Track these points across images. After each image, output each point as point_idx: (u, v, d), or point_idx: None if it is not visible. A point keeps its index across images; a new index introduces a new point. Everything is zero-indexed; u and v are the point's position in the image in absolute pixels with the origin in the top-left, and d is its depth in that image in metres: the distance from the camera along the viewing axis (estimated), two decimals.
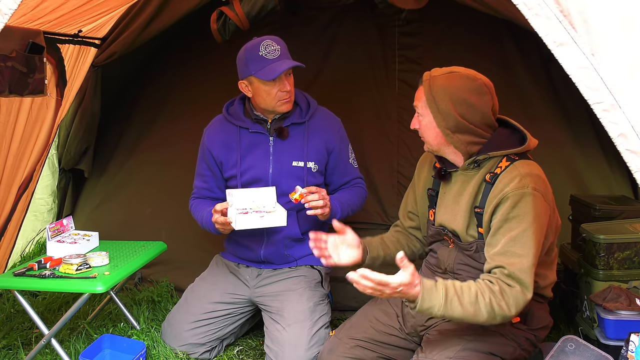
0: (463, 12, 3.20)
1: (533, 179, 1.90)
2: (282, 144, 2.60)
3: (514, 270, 1.83)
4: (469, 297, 1.81)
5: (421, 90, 2.02)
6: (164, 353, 2.67)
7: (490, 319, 1.82)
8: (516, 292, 1.82)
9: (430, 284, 1.81)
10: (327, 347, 2.26)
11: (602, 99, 1.29)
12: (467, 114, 1.95)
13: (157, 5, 3.06)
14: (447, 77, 1.97)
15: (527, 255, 1.84)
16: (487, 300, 1.80)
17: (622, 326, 2.23)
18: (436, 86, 1.96)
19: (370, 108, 3.50)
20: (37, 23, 2.56)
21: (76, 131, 3.49)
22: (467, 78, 1.97)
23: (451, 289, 1.82)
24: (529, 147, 2.00)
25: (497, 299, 1.81)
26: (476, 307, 1.80)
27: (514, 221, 1.86)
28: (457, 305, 1.80)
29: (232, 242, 2.76)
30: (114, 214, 3.59)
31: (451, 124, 1.95)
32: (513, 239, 1.85)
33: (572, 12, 1.29)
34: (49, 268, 2.51)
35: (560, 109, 3.40)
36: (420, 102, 2.03)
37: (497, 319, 1.83)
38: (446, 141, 2.00)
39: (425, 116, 2.01)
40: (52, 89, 2.88)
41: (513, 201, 1.87)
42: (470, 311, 1.80)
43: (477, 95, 1.95)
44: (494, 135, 2.00)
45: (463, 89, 1.95)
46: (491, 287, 1.83)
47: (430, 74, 2.01)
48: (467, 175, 2.04)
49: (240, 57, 2.51)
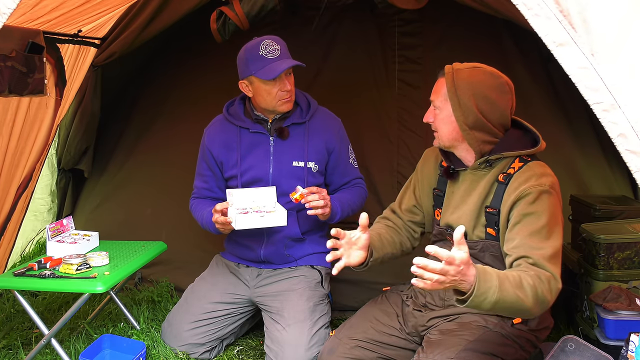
0: (463, 12, 3.20)
1: (549, 178, 1.90)
2: (282, 144, 2.60)
3: (538, 259, 1.79)
4: (513, 280, 1.71)
5: (441, 83, 1.99)
6: (164, 353, 2.67)
7: (534, 306, 1.74)
8: (549, 277, 1.77)
9: (480, 267, 1.68)
10: (327, 347, 2.25)
11: (601, 99, 1.29)
12: (486, 111, 1.93)
13: (157, 5, 3.06)
14: (471, 71, 1.95)
15: (548, 247, 1.82)
16: (531, 282, 1.73)
17: (622, 326, 2.23)
18: (460, 79, 1.94)
19: (370, 108, 3.50)
20: (37, 23, 2.56)
21: (76, 131, 3.49)
22: (491, 75, 1.96)
23: (498, 271, 1.71)
24: (540, 148, 1.99)
25: (539, 283, 1.74)
26: (522, 291, 1.70)
27: (533, 217, 1.85)
28: (510, 287, 1.68)
29: (232, 242, 2.76)
30: (114, 214, 3.59)
31: (470, 119, 1.93)
32: (532, 233, 1.84)
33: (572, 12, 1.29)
34: (49, 268, 2.51)
35: (560, 109, 3.40)
36: (439, 95, 1.99)
37: (540, 306, 1.75)
38: (461, 137, 1.98)
39: (444, 110, 1.98)
40: (52, 88, 2.87)
41: (533, 197, 1.86)
42: (520, 296, 1.69)
43: (499, 94, 1.94)
44: (507, 135, 1.99)
45: (486, 85, 1.93)
46: (529, 273, 1.75)
47: (453, 67, 1.98)
48: (476, 175, 2.02)
49: (241, 57, 2.51)
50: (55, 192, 3.74)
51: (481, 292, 1.64)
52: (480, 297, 1.64)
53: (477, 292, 1.63)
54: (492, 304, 1.66)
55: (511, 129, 2.02)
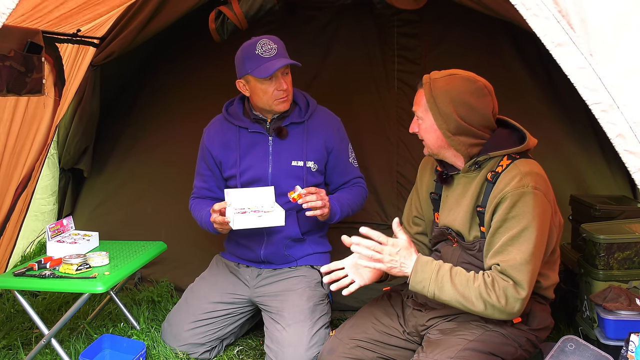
0: (461, 13, 3.20)
1: (533, 177, 1.90)
2: (281, 144, 2.60)
3: (505, 267, 1.86)
4: (460, 278, 1.89)
5: (421, 94, 2.02)
6: (164, 353, 2.67)
7: (484, 309, 1.87)
8: (507, 285, 1.85)
9: (426, 258, 1.93)
10: (327, 347, 2.26)
11: (600, 100, 1.28)
12: (467, 116, 1.95)
13: (156, 5, 3.06)
14: (448, 79, 1.98)
15: (522, 253, 1.85)
16: (476, 285, 1.86)
17: (622, 326, 2.22)
18: (437, 88, 1.97)
19: (370, 108, 3.50)
20: (36, 22, 2.56)
21: (75, 130, 3.49)
22: (467, 80, 1.98)
23: (445, 267, 1.91)
24: (528, 145, 2.01)
25: (487, 288, 1.86)
26: (466, 291, 1.87)
27: (513, 221, 1.87)
28: (448, 282, 1.88)
29: (232, 242, 2.76)
30: (114, 214, 3.59)
31: (452, 126, 1.96)
32: (511, 238, 1.87)
33: (570, 12, 1.28)
34: (49, 268, 2.51)
35: (559, 109, 3.39)
36: (420, 106, 2.03)
37: (491, 310, 1.87)
38: (447, 144, 2.01)
39: (426, 119, 2.02)
40: (50, 88, 2.87)
41: (512, 201, 1.87)
42: (460, 292, 1.87)
43: (478, 98, 1.96)
44: (493, 135, 2.01)
45: (464, 91, 1.95)
46: (484, 277, 1.89)
47: (430, 76, 2.02)
48: (468, 177, 2.05)
49: (238, 56, 2.51)
50: (55, 192, 3.74)
51: (418, 281, 1.91)
52: (418, 284, 1.91)
53: (413, 279, 1.91)
54: (432, 294, 1.91)
55: (499, 128, 2.04)
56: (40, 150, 2.97)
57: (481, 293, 1.86)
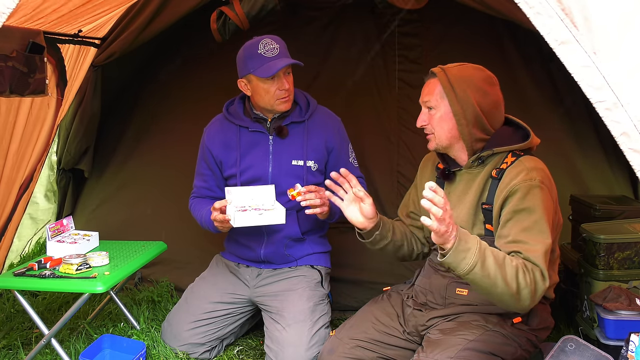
0: (463, 12, 3.20)
1: (539, 172, 1.92)
2: (281, 143, 2.60)
3: (529, 256, 1.82)
4: (499, 255, 1.74)
5: (433, 83, 2.03)
6: (164, 353, 2.67)
7: (514, 291, 1.75)
8: (537, 270, 1.80)
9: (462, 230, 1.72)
10: (327, 347, 2.26)
11: (604, 98, 1.28)
12: (482, 102, 1.98)
13: (157, 5, 3.06)
14: (460, 67, 2.03)
15: (539, 244, 1.83)
16: (514, 265, 1.75)
17: (622, 326, 2.23)
18: (452, 75, 1.99)
19: (370, 108, 3.50)
20: (37, 23, 2.56)
21: (76, 131, 3.49)
22: (477, 69, 2.04)
23: (483, 242, 1.74)
24: (532, 143, 2.02)
25: (525, 269, 1.76)
26: (504, 269, 1.72)
27: (524, 213, 1.87)
28: (490, 256, 1.71)
29: (232, 242, 2.76)
30: (114, 214, 3.59)
31: (469, 111, 1.97)
32: (524, 229, 1.86)
33: (574, 10, 1.28)
34: (49, 268, 2.51)
35: (560, 108, 3.40)
36: (433, 95, 2.03)
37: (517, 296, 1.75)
38: (458, 135, 2.02)
39: (441, 107, 2.02)
40: (53, 88, 2.87)
41: (522, 193, 1.88)
42: (501, 269, 1.71)
43: (489, 85, 2.01)
44: (498, 132, 2.03)
45: (477, 77, 2.00)
46: (518, 259, 1.79)
47: (442, 67, 2.04)
48: (471, 174, 2.05)
49: (240, 56, 2.52)
50: (55, 192, 3.74)
51: (461, 249, 1.67)
52: (460, 254, 1.68)
53: (456, 247, 1.66)
54: (472, 266, 1.69)
55: (502, 126, 2.07)
56: (42, 151, 2.97)
57: (518, 273, 1.74)
